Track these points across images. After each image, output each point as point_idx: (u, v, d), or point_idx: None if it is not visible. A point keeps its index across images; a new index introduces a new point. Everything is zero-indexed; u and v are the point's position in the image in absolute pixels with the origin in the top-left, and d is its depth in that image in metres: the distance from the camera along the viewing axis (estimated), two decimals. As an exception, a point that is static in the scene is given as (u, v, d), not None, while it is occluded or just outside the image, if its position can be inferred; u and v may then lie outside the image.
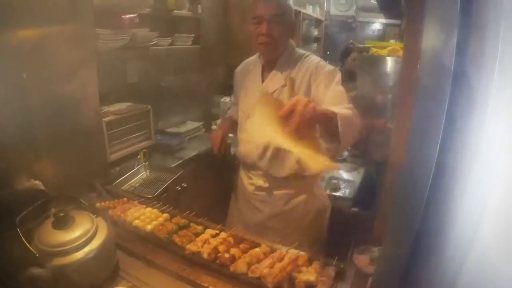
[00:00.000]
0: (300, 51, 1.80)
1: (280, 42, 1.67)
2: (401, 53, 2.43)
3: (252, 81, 1.84)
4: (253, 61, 1.90)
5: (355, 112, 1.45)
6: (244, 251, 1.20)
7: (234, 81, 2.01)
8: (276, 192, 1.79)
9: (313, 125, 1.26)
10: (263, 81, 1.78)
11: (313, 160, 1.16)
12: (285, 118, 1.15)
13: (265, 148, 1.71)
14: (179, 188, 2.32)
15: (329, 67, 1.68)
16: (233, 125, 2.03)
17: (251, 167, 1.83)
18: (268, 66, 1.78)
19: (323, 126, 1.36)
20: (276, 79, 1.73)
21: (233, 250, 1.19)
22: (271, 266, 1.12)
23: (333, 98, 1.57)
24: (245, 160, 1.84)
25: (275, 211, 1.81)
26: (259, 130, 1.28)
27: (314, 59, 1.73)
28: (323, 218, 1.92)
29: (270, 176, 1.77)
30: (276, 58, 1.74)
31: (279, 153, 1.69)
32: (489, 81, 0.59)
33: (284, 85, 1.68)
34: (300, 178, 1.75)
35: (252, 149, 1.76)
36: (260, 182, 1.80)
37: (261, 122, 1.23)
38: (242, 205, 1.95)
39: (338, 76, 1.63)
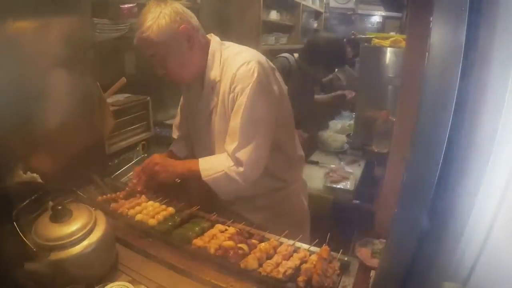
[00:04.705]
0: (224, 45, 1.58)
1: (180, 70, 1.47)
2: (403, 44, 2.40)
3: (193, 95, 1.65)
4: None
5: (235, 163, 1.38)
6: (253, 246, 1.19)
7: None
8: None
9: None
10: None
11: None
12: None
13: None
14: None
15: (247, 78, 1.37)
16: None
17: None
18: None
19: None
20: (209, 98, 1.52)
21: (242, 246, 1.18)
22: (280, 263, 1.11)
23: (228, 132, 1.43)
24: None
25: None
26: None
27: (232, 60, 1.45)
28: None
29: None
30: (199, 73, 1.51)
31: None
32: (503, 79, 0.58)
33: (217, 103, 1.49)
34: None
35: None
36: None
37: None
38: None
39: (250, 94, 1.36)
